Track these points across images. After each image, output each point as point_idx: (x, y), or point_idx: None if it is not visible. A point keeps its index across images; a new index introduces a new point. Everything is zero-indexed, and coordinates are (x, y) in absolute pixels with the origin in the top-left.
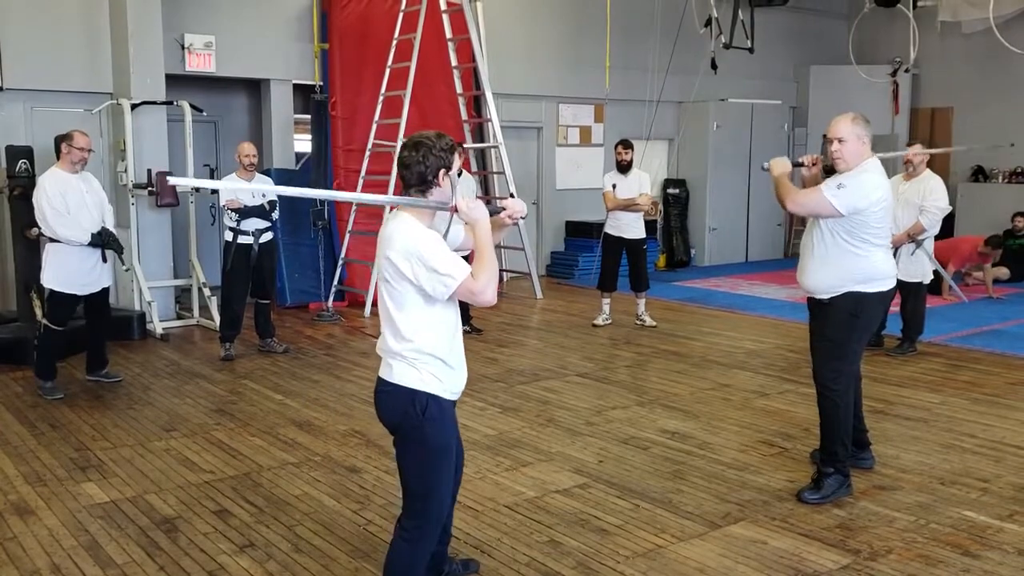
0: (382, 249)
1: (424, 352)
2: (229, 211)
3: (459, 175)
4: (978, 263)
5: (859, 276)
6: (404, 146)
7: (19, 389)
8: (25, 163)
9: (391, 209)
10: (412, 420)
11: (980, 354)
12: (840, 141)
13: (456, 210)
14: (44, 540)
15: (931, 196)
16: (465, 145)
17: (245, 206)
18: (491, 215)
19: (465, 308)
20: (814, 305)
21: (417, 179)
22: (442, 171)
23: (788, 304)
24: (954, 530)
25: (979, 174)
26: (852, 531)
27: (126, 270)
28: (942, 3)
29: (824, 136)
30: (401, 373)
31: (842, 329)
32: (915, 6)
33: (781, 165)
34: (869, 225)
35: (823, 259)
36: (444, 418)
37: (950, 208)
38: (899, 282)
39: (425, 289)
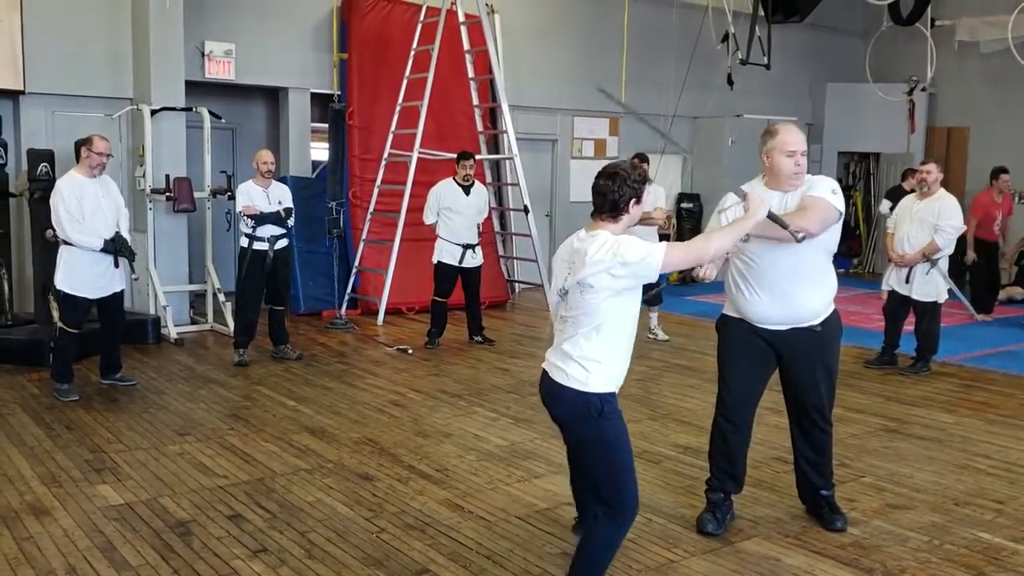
0: (584, 262)
1: (606, 354)
2: (245, 217)
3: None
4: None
5: (834, 294)
6: (600, 175)
7: (35, 391)
8: (46, 167)
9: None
10: (588, 421)
11: (995, 375)
12: (803, 154)
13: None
14: (60, 541)
15: (945, 215)
16: (480, 157)
17: (261, 212)
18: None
19: (477, 319)
20: (788, 340)
21: (610, 206)
22: (632, 200)
23: None
24: (968, 551)
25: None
26: (866, 549)
27: (135, 279)
28: (960, 23)
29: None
30: (576, 376)
31: (836, 351)
32: (933, 25)
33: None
34: (838, 234)
35: (812, 282)
36: (616, 411)
37: (964, 227)
38: (913, 301)
39: (644, 278)
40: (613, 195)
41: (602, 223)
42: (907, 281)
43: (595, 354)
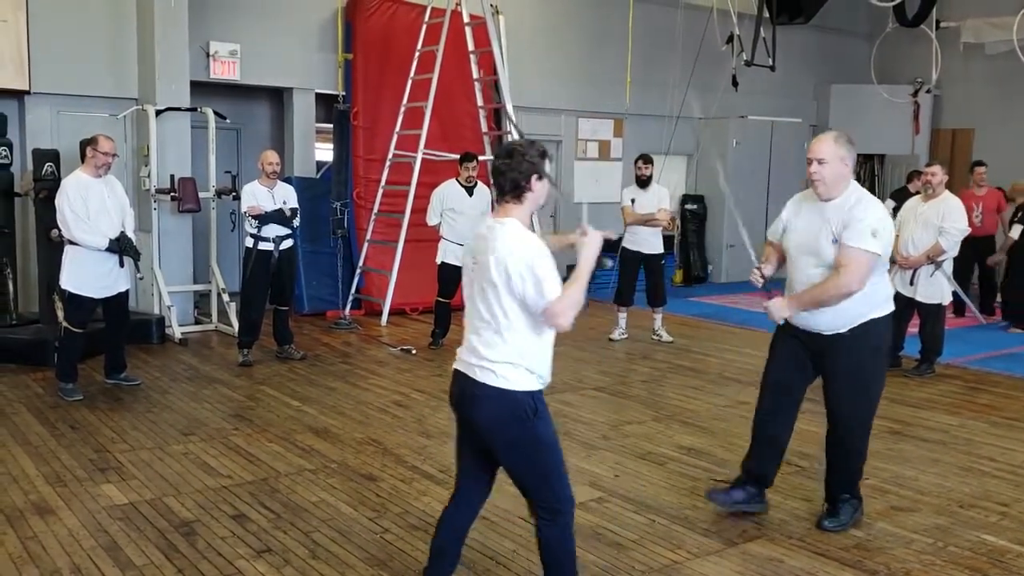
0: (487, 253)
1: (529, 352)
2: (250, 218)
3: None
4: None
5: (874, 302)
6: (497, 155)
7: (40, 390)
8: (51, 166)
9: (492, 215)
10: (523, 422)
11: (999, 377)
12: (820, 162)
13: (584, 233)
14: (64, 540)
15: (950, 217)
16: (483, 158)
17: (266, 213)
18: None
19: None
20: (819, 344)
21: (511, 185)
22: (534, 176)
23: None
24: (973, 553)
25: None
26: (870, 552)
27: (140, 278)
28: (965, 24)
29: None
30: (506, 376)
31: (863, 360)
32: (938, 27)
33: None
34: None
35: None
36: (547, 408)
37: (969, 229)
38: (918, 303)
39: (527, 299)
40: (513, 173)
41: (508, 206)
42: (911, 283)
43: (516, 354)
